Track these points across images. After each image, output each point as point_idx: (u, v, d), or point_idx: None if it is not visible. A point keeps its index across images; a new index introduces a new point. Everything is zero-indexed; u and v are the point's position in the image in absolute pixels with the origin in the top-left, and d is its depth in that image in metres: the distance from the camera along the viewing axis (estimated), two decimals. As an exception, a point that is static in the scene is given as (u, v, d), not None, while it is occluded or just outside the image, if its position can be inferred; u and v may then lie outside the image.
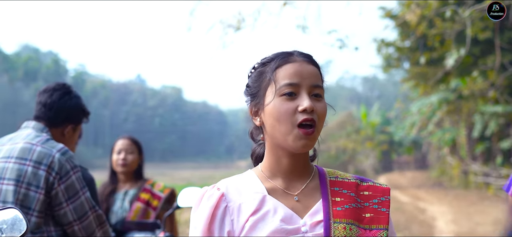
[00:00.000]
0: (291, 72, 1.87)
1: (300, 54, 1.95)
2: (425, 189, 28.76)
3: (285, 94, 1.85)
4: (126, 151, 4.66)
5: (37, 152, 3.05)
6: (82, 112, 3.42)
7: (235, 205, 1.87)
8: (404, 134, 37.74)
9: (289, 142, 1.84)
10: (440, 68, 18.59)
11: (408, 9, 11.53)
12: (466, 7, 10.12)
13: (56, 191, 3.02)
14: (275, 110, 1.85)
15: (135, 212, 4.52)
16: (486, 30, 13.32)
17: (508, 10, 8.95)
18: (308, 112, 1.83)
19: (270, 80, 1.89)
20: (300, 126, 1.83)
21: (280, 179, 1.92)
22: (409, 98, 33.29)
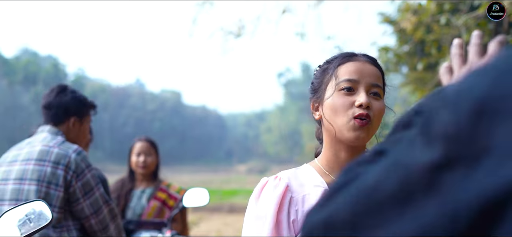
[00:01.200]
0: (352, 69, 1.97)
1: (364, 55, 2.05)
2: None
3: (344, 89, 1.94)
4: (145, 154, 4.93)
5: (55, 154, 3.32)
6: (80, 103, 3.66)
7: (299, 196, 1.95)
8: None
9: (344, 133, 1.93)
10: (437, 73, 18.82)
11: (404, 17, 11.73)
12: (461, 14, 10.30)
13: (74, 188, 3.29)
14: (333, 102, 1.95)
15: (152, 209, 4.77)
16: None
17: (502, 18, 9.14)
18: (364, 107, 1.91)
19: (331, 75, 2.00)
20: (355, 118, 1.91)
21: (338, 173, 1.92)
22: (407, 102, 33.41)
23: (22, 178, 3.28)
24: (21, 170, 3.31)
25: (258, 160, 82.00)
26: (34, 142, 3.45)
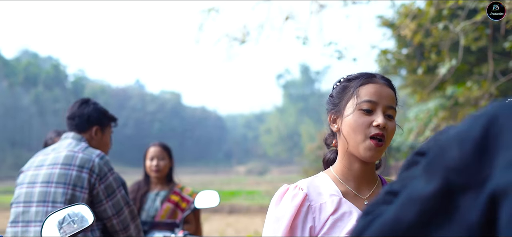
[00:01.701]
0: (372, 91, 2.16)
1: (382, 77, 2.24)
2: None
3: (364, 109, 2.13)
4: (158, 158, 5.17)
5: (80, 158, 3.57)
6: (102, 114, 3.94)
7: (317, 205, 2.13)
8: (402, 140, 38.04)
9: (360, 150, 2.13)
10: (436, 76, 19.04)
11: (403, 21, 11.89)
12: (459, 19, 10.48)
13: (97, 190, 3.54)
14: (353, 121, 2.14)
15: (165, 211, 5.01)
16: (480, 39, 13.75)
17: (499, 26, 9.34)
18: (381, 128, 2.11)
19: (352, 94, 2.18)
20: (371, 138, 2.12)
21: (352, 183, 2.20)
22: (406, 104, 33.58)
23: (49, 181, 3.53)
24: (47, 174, 3.56)
25: (257, 161, 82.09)
26: (59, 148, 3.70)
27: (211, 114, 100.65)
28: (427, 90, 23.19)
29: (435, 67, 18.64)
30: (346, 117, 2.17)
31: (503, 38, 13.69)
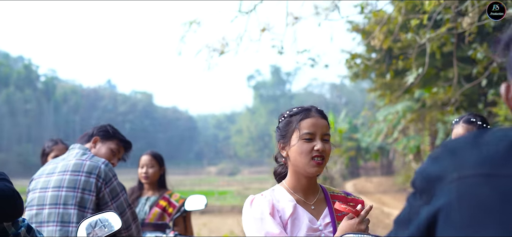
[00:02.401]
0: (310, 124, 2.79)
1: (317, 110, 2.87)
2: (391, 194, 29.67)
3: (305, 139, 2.76)
4: (147, 166, 5.66)
5: (87, 165, 4.06)
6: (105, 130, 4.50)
7: (280, 208, 2.77)
8: (371, 141, 38.59)
9: (306, 169, 2.77)
10: (404, 82, 19.57)
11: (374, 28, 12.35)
12: (426, 29, 10.97)
13: (103, 193, 4.03)
14: (298, 148, 2.76)
15: (153, 215, 5.47)
16: (445, 45, 14.32)
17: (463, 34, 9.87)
18: (320, 151, 2.75)
19: (295, 127, 2.80)
20: (313, 159, 2.75)
21: (301, 193, 2.84)
22: (375, 106, 34.08)
23: (60, 186, 3.99)
24: (58, 180, 4.03)
25: (228, 162, 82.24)
26: (68, 157, 4.19)
27: (183, 115, 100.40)
28: (395, 94, 23.78)
29: (402, 71, 19.20)
30: (293, 146, 2.79)
31: (468, 46, 14.28)
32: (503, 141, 1.30)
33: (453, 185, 1.28)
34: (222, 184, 50.99)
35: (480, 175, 1.26)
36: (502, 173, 1.25)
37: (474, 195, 1.24)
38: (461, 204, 1.25)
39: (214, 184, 51.37)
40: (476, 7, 8.23)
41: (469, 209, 1.24)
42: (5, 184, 2.47)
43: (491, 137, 1.32)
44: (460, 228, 1.24)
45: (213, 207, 27.46)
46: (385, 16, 10.97)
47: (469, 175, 1.27)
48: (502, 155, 1.27)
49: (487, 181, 1.24)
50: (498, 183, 1.24)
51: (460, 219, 1.25)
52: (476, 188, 1.25)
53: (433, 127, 27.23)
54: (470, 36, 7.89)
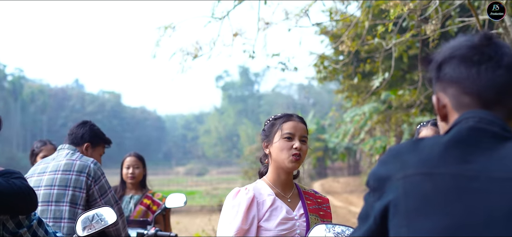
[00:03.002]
0: (291, 126, 3.30)
1: (297, 116, 3.41)
2: (358, 194, 30.20)
3: (286, 137, 3.26)
4: (133, 167, 5.97)
5: (78, 165, 4.39)
6: (94, 135, 4.79)
7: (260, 201, 3.24)
8: (338, 142, 39.03)
9: (286, 164, 3.25)
10: (371, 84, 19.95)
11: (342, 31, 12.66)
12: (392, 34, 11.32)
13: (93, 190, 4.35)
14: (280, 145, 3.26)
15: (138, 212, 5.79)
16: (411, 49, 14.74)
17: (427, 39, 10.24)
18: (298, 149, 3.24)
19: (278, 128, 3.31)
20: (292, 155, 3.24)
21: (280, 187, 3.33)
22: (343, 107, 34.49)
23: (51, 184, 4.30)
24: (50, 179, 4.33)
25: (196, 162, 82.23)
26: (59, 157, 4.50)
27: (151, 115, 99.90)
28: (362, 96, 24.21)
29: (369, 73, 19.57)
30: (275, 143, 3.29)
31: (432, 50, 14.70)
32: (436, 145, 1.62)
33: (399, 183, 1.61)
34: (190, 184, 51.18)
35: (420, 173, 1.59)
36: (438, 172, 1.57)
37: (417, 190, 1.57)
38: (407, 198, 1.58)
39: (183, 184, 51.47)
40: (440, 14, 8.59)
41: (413, 201, 1.57)
42: (21, 182, 2.77)
43: (427, 143, 1.66)
44: (406, 217, 1.56)
45: (181, 207, 27.58)
46: (353, 20, 11.27)
47: (411, 174, 1.60)
48: (437, 157, 1.60)
49: (427, 179, 1.57)
50: (435, 180, 1.56)
51: (406, 209, 1.57)
52: (418, 184, 1.58)
53: (399, 128, 27.73)
54: (433, 42, 8.25)
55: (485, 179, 1.54)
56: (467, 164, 1.57)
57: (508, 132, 1.63)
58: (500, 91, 1.67)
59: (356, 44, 10.27)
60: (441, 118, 1.77)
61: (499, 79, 1.66)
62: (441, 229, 1.52)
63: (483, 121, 1.62)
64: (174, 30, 8.62)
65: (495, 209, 1.49)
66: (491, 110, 1.65)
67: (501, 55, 1.68)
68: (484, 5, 10.08)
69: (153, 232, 5.38)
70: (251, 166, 37.28)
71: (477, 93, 1.66)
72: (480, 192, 1.52)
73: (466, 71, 1.67)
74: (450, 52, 1.71)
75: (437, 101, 1.76)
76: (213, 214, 29.47)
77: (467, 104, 1.68)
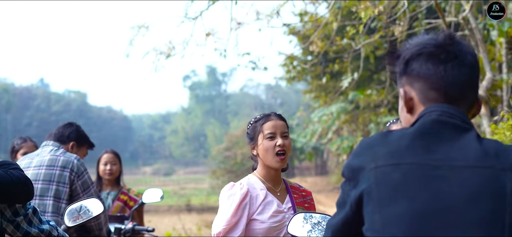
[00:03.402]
0: (271, 126, 3.52)
1: (275, 114, 3.61)
2: (325, 193, 30.42)
3: (268, 137, 3.48)
4: (111, 163, 6.09)
5: (61, 160, 4.53)
6: (80, 135, 4.97)
7: (254, 195, 3.47)
8: (306, 142, 39.26)
9: (272, 163, 3.50)
10: (339, 84, 20.19)
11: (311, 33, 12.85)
12: (361, 35, 11.55)
13: (76, 185, 4.49)
14: (264, 146, 3.49)
15: (115, 208, 5.93)
16: (379, 49, 15.01)
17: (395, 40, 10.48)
18: (281, 147, 3.47)
19: (260, 130, 3.53)
20: (277, 154, 3.48)
21: (270, 182, 3.56)
22: (310, 107, 34.70)
23: (36, 179, 4.42)
24: (34, 174, 4.46)
25: (163, 162, 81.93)
26: (42, 153, 4.64)
27: (117, 114, 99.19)
28: (330, 96, 24.46)
29: (337, 74, 19.84)
30: (260, 145, 3.50)
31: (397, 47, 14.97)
32: (403, 137, 1.81)
33: (371, 173, 1.79)
34: (158, 184, 51.00)
35: (390, 164, 1.77)
36: (405, 162, 1.76)
37: (387, 180, 1.76)
38: (378, 187, 1.76)
39: (150, 184, 51.22)
40: (407, 16, 8.83)
41: (384, 190, 1.75)
42: (19, 173, 2.90)
43: (394, 135, 1.85)
44: (378, 204, 1.75)
45: (149, 207, 27.59)
46: (322, 21, 11.47)
47: (382, 165, 1.78)
48: (404, 148, 1.79)
49: (395, 169, 1.76)
50: (403, 169, 1.75)
51: (378, 197, 1.75)
52: (388, 174, 1.76)
53: (366, 128, 28.05)
54: (401, 43, 8.47)
55: (447, 167, 1.72)
56: (431, 153, 1.75)
57: (468, 123, 1.82)
58: (463, 87, 1.85)
59: (325, 44, 10.46)
60: (407, 110, 1.95)
61: (463, 77, 1.84)
62: (409, 214, 1.69)
63: (445, 114, 1.80)
64: (147, 30, 8.74)
65: (457, 194, 1.68)
66: (454, 104, 1.84)
67: (465, 54, 1.86)
68: (450, 7, 10.35)
69: (130, 226, 5.50)
70: (219, 165, 37.45)
71: (444, 89, 1.85)
72: (443, 179, 1.71)
73: (434, 68, 1.85)
74: (417, 49, 1.89)
75: (404, 94, 1.94)
76: (181, 213, 29.54)
77: (433, 98, 1.86)
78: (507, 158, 1.73)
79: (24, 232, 2.96)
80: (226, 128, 76.87)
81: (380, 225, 1.73)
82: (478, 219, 1.65)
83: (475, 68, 1.88)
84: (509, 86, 8.79)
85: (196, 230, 19.95)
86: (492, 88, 9.11)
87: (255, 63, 10.49)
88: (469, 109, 1.89)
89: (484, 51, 8.24)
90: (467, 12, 8.26)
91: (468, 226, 1.65)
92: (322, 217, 3.14)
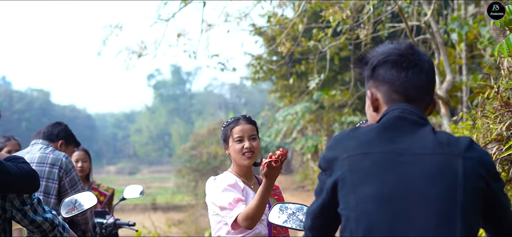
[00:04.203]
0: (239, 130, 3.93)
1: (244, 118, 4.03)
2: (290, 192, 30.69)
3: (237, 140, 3.91)
4: (82, 160, 6.29)
5: (51, 158, 4.79)
6: (69, 134, 5.27)
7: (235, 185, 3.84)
8: (270, 141, 39.41)
9: (241, 162, 3.93)
10: (305, 82, 20.50)
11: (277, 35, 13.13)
12: (326, 37, 11.87)
13: (64, 182, 4.74)
14: (234, 148, 3.92)
15: None
16: (343, 50, 15.37)
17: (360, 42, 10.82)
18: (248, 149, 3.89)
19: (230, 134, 3.95)
20: (244, 154, 3.90)
21: (243, 177, 3.98)
22: (275, 107, 34.93)
23: None
24: None
25: (127, 161, 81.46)
26: (32, 151, 4.91)
27: (81, 113, 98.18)
28: (295, 96, 24.78)
29: (303, 74, 20.15)
30: (231, 146, 3.91)
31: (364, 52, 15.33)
32: (370, 131, 2.18)
33: (344, 162, 2.15)
34: (122, 182, 50.66)
35: (360, 153, 2.14)
36: (373, 151, 2.13)
37: (358, 166, 2.12)
38: (351, 173, 2.12)
39: (115, 183, 50.85)
40: (372, 20, 9.17)
41: (356, 174, 2.11)
42: (27, 166, 3.19)
43: (362, 130, 2.21)
44: (352, 186, 2.10)
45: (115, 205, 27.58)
46: (290, 23, 11.75)
47: (353, 155, 2.14)
48: (372, 140, 2.15)
49: (365, 157, 2.13)
50: (371, 157, 2.12)
51: (351, 181, 2.11)
52: (359, 162, 2.13)
53: (330, 128, 28.43)
54: (366, 46, 8.83)
55: (409, 155, 2.09)
56: (395, 144, 2.12)
57: (424, 119, 2.18)
58: (421, 90, 2.23)
59: (292, 45, 10.73)
60: (373, 109, 2.32)
61: (422, 82, 2.23)
62: (379, 193, 2.05)
63: (405, 112, 2.17)
64: (121, 29, 8.93)
65: (418, 176, 2.06)
66: (413, 104, 2.20)
67: (423, 62, 2.24)
68: (412, 11, 10.73)
69: (112, 221, 5.72)
70: (185, 164, 37.41)
71: (404, 92, 2.22)
72: (406, 164, 2.08)
73: (397, 74, 2.22)
74: (383, 57, 2.27)
75: (371, 95, 2.31)
76: (146, 212, 29.58)
77: (396, 99, 2.23)
78: (457, 146, 2.09)
79: (31, 219, 3.26)
80: (190, 127, 76.75)
81: (354, 204, 2.08)
82: (435, 196, 2.01)
83: (431, 74, 2.26)
84: (468, 88, 9.17)
85: (166, 228, 20.07)
86: (452, 90, 9.51)
87: (224, 64, 10.72)
88: (426, 107, 2.26)
89: (445, 54, 8.63)
90: (429, 17, 8.63)
91: (428, 202, 2.01)
92: (297, 208, 3.49)
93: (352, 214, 2.08)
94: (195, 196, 32.50)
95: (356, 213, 2.07)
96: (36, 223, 3.28)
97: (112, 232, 5.77)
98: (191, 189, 35.96)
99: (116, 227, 5.77)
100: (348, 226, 2.09)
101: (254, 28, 21.04)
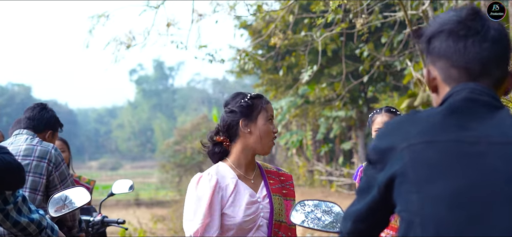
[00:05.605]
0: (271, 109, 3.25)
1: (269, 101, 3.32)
2: (274, 187, 30.55)
3: (270, 119, 3.22)
4: (61, 150, 5.81)
5: (39, 150, 4.30)
6: (56, 121, 4.69)
7: (223, 186, 3.12)
8: (255, 136, 39.16)
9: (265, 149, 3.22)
10: (291, 76, 20.22)
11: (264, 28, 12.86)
12: (317, 28, 11.61)
13: (53, 176, 4.29)
14: (266, 128, 3.19)
15: None
16: (332, 42, 15.11)
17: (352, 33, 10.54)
18: (275, 133, 3.24)
19: (263, 109, 3.19)
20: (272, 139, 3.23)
21: (243, 169, 3.21)
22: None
23: None
24: None
25: (110, 156, 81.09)
26: (17, 142, 4.38)
27: (62, 108, 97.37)
28: (280, 90, 24.54)
29: (291, 67, 19.92)
30: (261, 125, 3.16)
31: (355, 44, 15.12)
32: (434, 116, 1.75)
33: (404, 152, 1.71)
34: (104, 178, 50.38)
35: (423, 142, 1.70)
36: (440, 139, 1.69)
37: (422, 158, 1.68)
38: (414, 165, 1.68)
39: (97, 178, 50.20)
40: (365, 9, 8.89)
41: (420, 168, 1.67)
42: (10, 157, 2.75)
43: (423, 115, 1.79)
44: (416, 183, 1.67)
45: (96, 201, 27.20)
46: (279, 15, 11.48)
47: (415, 143, 1.70)
48: (437, 126, 1.72)
49: (430, 146, 1.69)
50: (438, 147, 1.68)
51: (416, 176, 1.67)
52: (422, 152, 1.69)
53: (315, 122, 28.29)
54: (363, 36, 8.52)
55: (485, 144, 1.65)
56: (466, 131, 1.68)
57: (498, 101, 1.76)
58: (486, 63, 1.77)
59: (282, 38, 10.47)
60: (431, 89, 1.89)
61: (485, 52, 1.77)
62: (449, 192, 1.63)
63: (475, 92, 1.73)
64: (107, 19, 8.56)
65: (497, 171, 1.62)
66: (478, 82, 1.77)
67: (487, 28, 1.79)
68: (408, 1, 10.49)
69: (99, 218, 5.33)
70: (169, 159, 37.17)
71: (465, 66, 1.78)
72: (482, 155, 1.64)
73: (454, 45, 1.78)
74: (438, 26, 1.83)
75: (427, 73, 1.87)
76: (129, 208, 29.23)
77: (455, 77, 1.79)
78: None
79: (14, 221, 2.84)
80: (173, 122, 76.43)
81: (419, 206, 1.66)
82: None
83: (500, 43, 1.80)
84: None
85: (152, 225, 19.75)
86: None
87: (213, 56, 10.41)
88: (498, 85, 1.82)
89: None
90: (427, 6, 8.37)
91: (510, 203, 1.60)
92: (315, 204, 3.07)
93: (416, 219, 1.66)
94: (179, 191, 32.14)
95: (421, 218, 1.65)
96: (20, 225, 2.86)
97: (99, 230, 5.38)
98: (175, 184, 35.66)
99: (104, 225, 5.37)
100: (410, 233, 1.69)
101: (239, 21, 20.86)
